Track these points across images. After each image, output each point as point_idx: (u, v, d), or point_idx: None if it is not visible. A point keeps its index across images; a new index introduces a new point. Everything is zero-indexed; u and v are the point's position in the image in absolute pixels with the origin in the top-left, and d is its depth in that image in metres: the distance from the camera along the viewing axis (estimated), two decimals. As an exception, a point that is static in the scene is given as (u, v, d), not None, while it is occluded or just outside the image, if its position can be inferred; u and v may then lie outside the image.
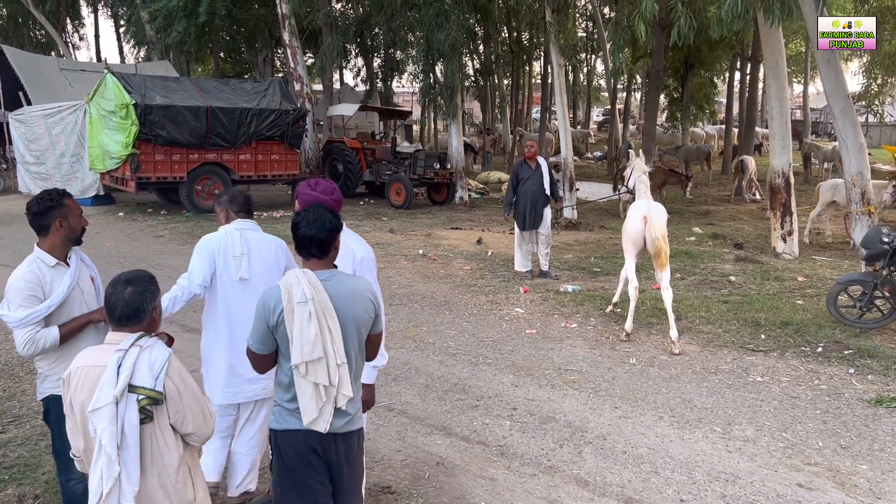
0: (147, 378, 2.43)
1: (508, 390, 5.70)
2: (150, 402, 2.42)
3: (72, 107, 16.85)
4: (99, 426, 2.40)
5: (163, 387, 2.44)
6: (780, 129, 10.90)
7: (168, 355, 2.50)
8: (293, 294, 2.71)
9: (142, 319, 2.54)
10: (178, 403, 2.49)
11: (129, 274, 2.62)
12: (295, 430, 2.80)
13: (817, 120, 42.35)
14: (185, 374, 2.54)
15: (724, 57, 24.75)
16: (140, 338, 2.51)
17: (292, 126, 16.03)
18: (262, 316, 2.76)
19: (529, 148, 9.51)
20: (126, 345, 2.47)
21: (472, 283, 9.19)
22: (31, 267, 3.22)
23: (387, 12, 18.64)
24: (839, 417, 5.10)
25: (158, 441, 2.49)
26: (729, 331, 7.08)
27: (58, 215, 3.24)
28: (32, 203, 3.25)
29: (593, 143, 38.13)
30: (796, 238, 10.90)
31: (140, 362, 2.44)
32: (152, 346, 2.51)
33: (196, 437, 2.57)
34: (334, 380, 2.74)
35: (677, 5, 7.44)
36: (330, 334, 2.72)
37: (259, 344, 2.79)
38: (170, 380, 2.47)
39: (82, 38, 34.67)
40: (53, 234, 3.25)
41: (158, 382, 2.43)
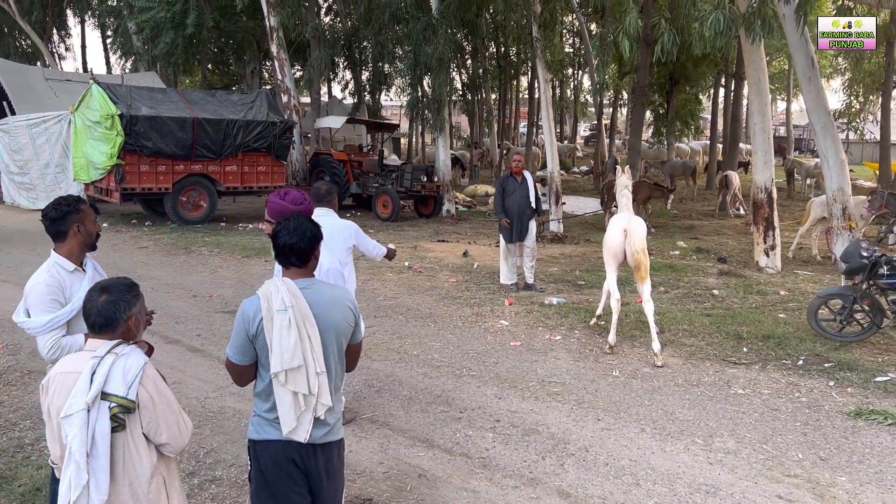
0: (120, 386, 2.40)
1: (492, 402, 5.70)
2: (121, 410, 2.40)
3: (56, 117, 16.76)
4: (70, 433, 2.38)
5: (136, 395, 2.41)
6: (762, 145, 11.03)
7: (143, 364, 2.47)
8: (272, 302, 2.71)
9: (116, 327, 2.52)
10: (152, 413, 2.46)
11: (107, 281, 2.62)
12: (273, 441, 2.79)
13: (800, 137, 42.89)
14: (160, 383, 2.52)
15: (708, 73, 25.06)
16: (117, 345, 2.48)
17: (279, 138, 16.02)
18: (242, 326, 2.75)
19: (517, 162, 9.53)
20: (102, 352, 2.45)
21: (458, 296, 9.20)
22: (51, 272, 3.22)
23: (374, 26, 18.76)
24: (819, 429, 5.14)
25: (131, 450, 2.47)
26: (711, 344, 7.12)
27: (75, 220, 3.27)
28: (49, 209, 3.27)
29: (580, 158, 38.37)
30: (779, 252, 11.00)
31: (114, 370, 2.42)
32: (128, 354, 2.48)
33: (171, 447, 2.54)
34: (314, 389, 2.73)
35: (660, 22, 7.54)
36: (310, 342, 2.72)
37: (239, 354, 2.78)
38: (143, 388, 2.44)
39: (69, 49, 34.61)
40: (71, 240, 3.27)
41: (131, 391, 2.41)
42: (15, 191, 18.06)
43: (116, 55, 29.45)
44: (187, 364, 6.56)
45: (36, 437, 4.96)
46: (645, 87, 17.65)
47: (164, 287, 9.56)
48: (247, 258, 11.62)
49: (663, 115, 25.80)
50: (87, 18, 32.29)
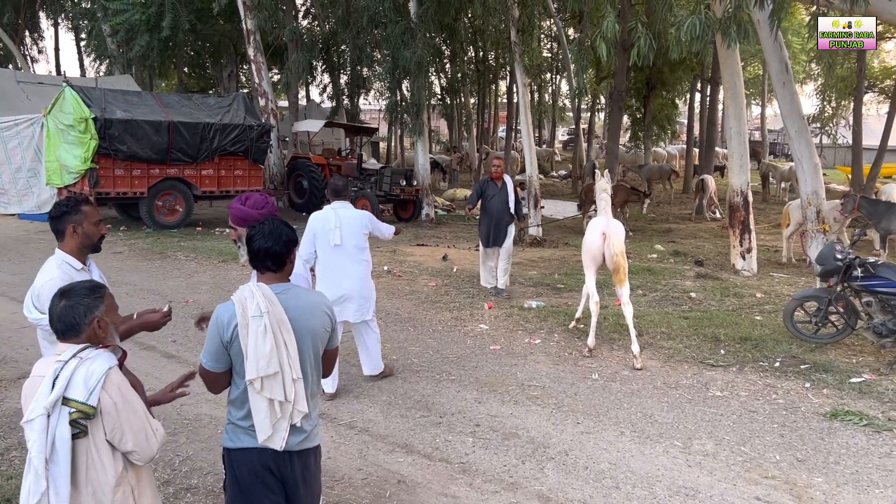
0: (81, 391, 2.33)
1: (472, 406, 5.68)
2: (81, 416, 2.33)
3: (29, 120, 16.49)
4: (30, 438, 2.33)
5: (97, 401, 2.34)
6: (738, 149, 11.14)
7: (107, 369, 2.39)
8: (247, 308, 2.66)
9: (79, 332, 2.45)
10: (115, 419, 2.38)
11: (68, 285, 2.54)
12: (248, 449, 2.74)
13: (774, 141, 43.46)
14: (125, 388, 2.44)
15: (684, 78, 25.31)
16: (82, 350, 2.42)
17: (256, 141, 15.89)
18: (216, 332, 2.69)
19: (496, 168, 9.40)
20: (66, 356, 2.39)
21: (437, 300, 9.17)
22: (62, 268, 3.21)
23: (353, 29, 18.68)
24: (796, 431, 5.17)
25: (93, 457, 2.40)
26: (689, 346, 7.16)
27: (72, 220, 3.26)
28: (52, 208, 3.32)
29: (558, 162, 38.55)
30: (755, 255, 11.11)
31: (76, 375, 2.35)
32: (93, 358, 2.41)
33: (138, 455, 2.46)
34: (290, 395, 2.69)
35: (637, 26, 7.58)
36: (286, 348, 2.68)
37: (213, 361, 2.72)
38: (106, 394, 2.36)
39: (42, 52, 33.90)
40: (69, 240, 3.27)
41: (93, 396, 2.33)
42: (-14, 195, 17.72)
43: (91, 58, 29.06)
44: (162, 370, 6.46)
45: (6, 446, 4.86)
46: (622, 91, 17.78)
47: (138, 293, 9.43)
48: (223, 263, 11.49)
49: (640, 120, 26.02)
50: (61, 21, 31.82)
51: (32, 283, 3.27)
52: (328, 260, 5.81)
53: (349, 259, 5.86)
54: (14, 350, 6.88)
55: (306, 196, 18.37)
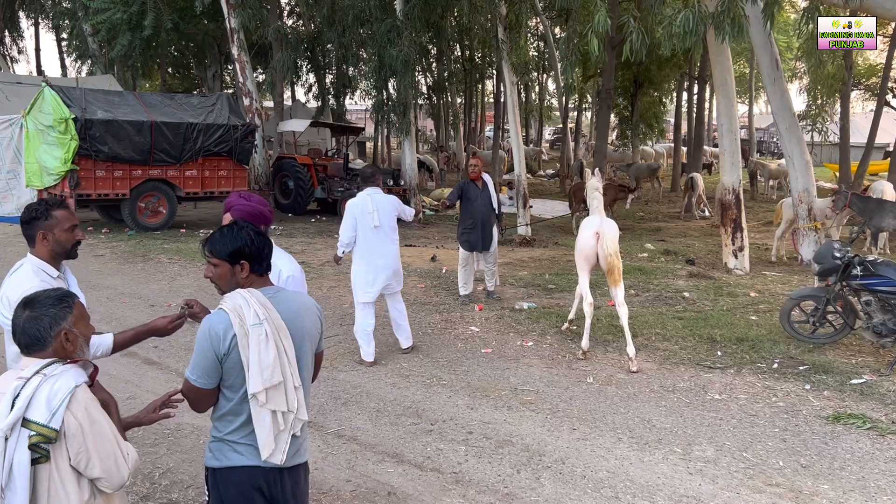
0: (42, 412, 2.11)
1: (464, 413, 5.49)
2: (42, 439, 2.11)
3: (7, 121, 16.14)
4: None
5: (60, 423, 2.12)
6: (729, 146, 11.03)
7: (72, 387, 2.17)
8: (245, 317, 2.45)
9: (44, 346, 2.24)
10: (81, 443, 2.16)
11: (31, 295, 2.32)
12: (237, 468, 2.54)
13: (761, 139, 43.60)
14: (93, 409, 2.22)
15: (672, 76, 25.25)
16: (47, 365, 2.19)
17: (241, 142, 15.62)
18: (208, 346, 2.45)
19: (473, 168, 9.02)
20: (29, 373, 2.17)
21: (426, 302, 8.98)
22: (39, 276, 2.98)
23: (338, 28, 18.43)
24: (798, 435, 5.03)
25: (56, 485, 2.17)
26: (685, 347, 7.01)
27: (42, 227, 3.02)
28: (23, 212, 3.07)
29: (545, 162, 38.46)
30: (747, 254, 11.00)
31: (39, 394, 2.13)
32: (59, 375, 2.18)
33: (106, 482, 2.23)
34: (293, 405, 2.51)
35: (629, 21, 7.43)
36: (286, 356, 2.50)
37: (204, 377, 2.48)
38: (71, 415, 2.14)
39: (21, 52, 33.45)
40: (40, 247, 3.04)
41: (55, 418, 2.11)
42: (-36, 197, 17.34)
43: (72, 58, 28.64)
44: (143, 378, 6.24)
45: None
46: (610, 89, 17.67)
47: (120, 296, 9.18)
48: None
49: (628, 118, 25.95)
50: (41, 20, 31.36)
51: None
52: (369, 241, 6.49)
53: (386, 239, 6.59)
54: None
55: (292, 196, 18.12)
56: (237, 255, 2.56)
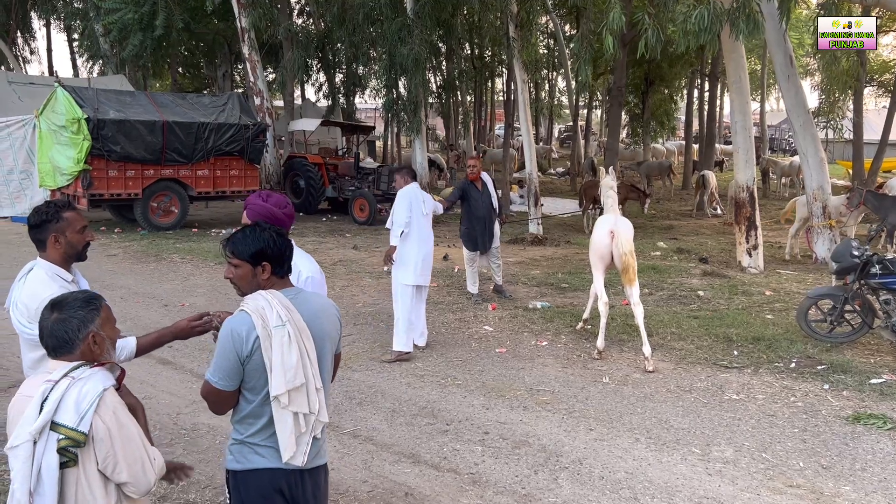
0: (71, 416, 2.10)
1: (479, 413, 5.47)
2: (71, 443, 2.09)
3: (21, 121, 16.23)
4: (13, 467, 2.10)
5: (89, 426, 2.11)
6: (743, 144, 10.94)
7: (101, 391, 2.16)
8: (268, 318, 2.44)
9: (72, 349, 2.22)
10: (108, 447, 2.14)
11: (59, 297, 2.31)
12: (259, 470, 2.52)
13: (772, 136, 43.34)
14: (121, 413, 2.21)
15: (683, 73, 25.11)
16: (75, 368, 2.18)
17: (252, 141, 15.65)
18: (231, 347, 2.43)
19: (472, 168, 8.97)
20: (57, 375, 2.15)
21: (440, 301, 8.96)
22: (57, 282, 2.95)
23: (348, 27, 18.44)
24: (818, 436, 4.98)
25: (83, 490, 2.15)
26: (701, 347, 6.96)
27: (53, 229, 2.97)
28: (31, 215, 3.01)
29: (556, 160, 38.34)
30: (761, 252, 10.92)
31: (67, 397, 2.11)
32: (87, 378, 2.17)
33: (133, 487, 2.22)
34: (314, 407, 2.50)
35: (644, 18, 7.38)
36: (308, 357, 2.49)
37: (226, 379, 2.46)
38: (99, 418, 2.13)
39: (34, 52, 33.74)
40: (51, 250, 2.99)
41: (84, 422, 2.10)
42: (-22, 198, 17.45)
43: (83, 58, 28.81)
44: (158, 378, 6.25)
45: (-6, 461, 4.63)
46: (622, 87, 17.58)
47: (133, 296, 9.20)
48: (220, 265, 11.26)
49: (639, 116, 25.82)
50: (53, 21, 31.52)
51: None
52: (420, 226, 6.92)
53: (429, 227, 7.15)
54: (4, 357, 6.66)
55: (303, 196, 18.13)
56: (259, 256, 2.55)
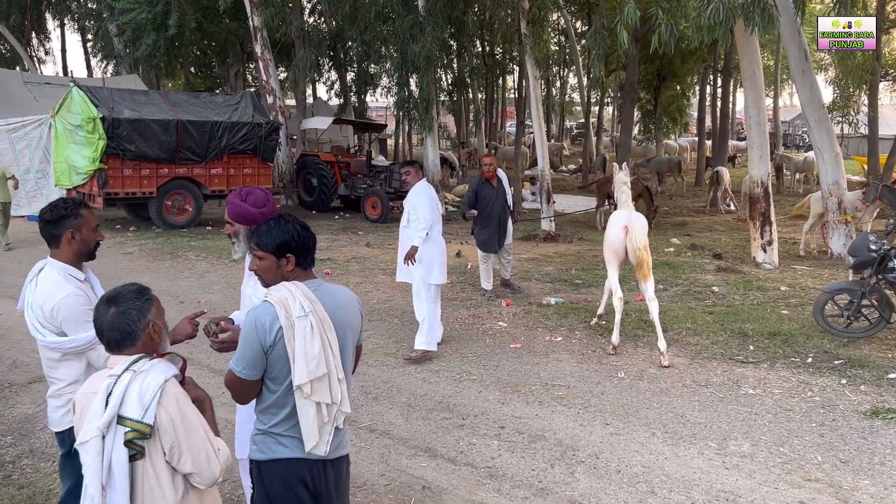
0: (136, 408, 2.11)
1: (495, 408, 5.48)
2: (137, 435, 2.11)
3: (37, 121, 16.38)
4: (84, 462, 2.13)
5: (154, 418, 2.12)
6: (758, 139, 10.88)
7: (162, 382, 2.17)
8: (291, 309, 2.48)
9: (135, 341, 2.23)
10: (173, 437, 2.15)
11: (112, 291, 2.31)
12: (282, 460, 2.56)
13: (786, 132, 43.04)
14: (183, 403, 2.21)
15: (696, 69, 24.96)
16: (136, 361, 2.20)
17: (265, 140, 15.71)
18: (255, 337, 2.47)
19: (488, 167, 8.93)
20: (119, 369, 2.18)
21: (453, 297, 8.98)
22: (71, 282, 2.97)
23: (360, 25, 18.47)
24: (836, 430, 4.96)
25: (151, 481, 2.17)
26: (717, 342, 6.94)
27: (71, 226, 2.99)
28: (45, 210, 3.01)
29: (567, 157, 38.26)
30: (776, 248, 10.86)
31: (131, 390, 2.14)
32: (148, 370, 2.19)
33: (198, 477, 2.22)
34: (336, 397, 2.53)
35: (658, 12, 7.36)
36: (330, 348, 2.52)
37: (249, 369, 2.49)
38: (163, 409, 2.14)
39: (48, 53, 33.93)
40: (65, 247, 3.00)
41: (148, 413, 2.11)
42: (-6, 197, 17.61)
43: (97, 58, 29.00)
44: (176, 373, 6.29)
45: (17, 453, 4.70)
46: (634, 83, 17.50)
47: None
48: (234, 262, 11.32)
49: (651, 112, 25.70)
50: (67, 21, 31.77)
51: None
52: (439, 225, 6.93)
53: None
54: (24, 354, 6.74)
55: (316, 194, 18.19)
56: (283, 248, 2.59)
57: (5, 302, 8.60)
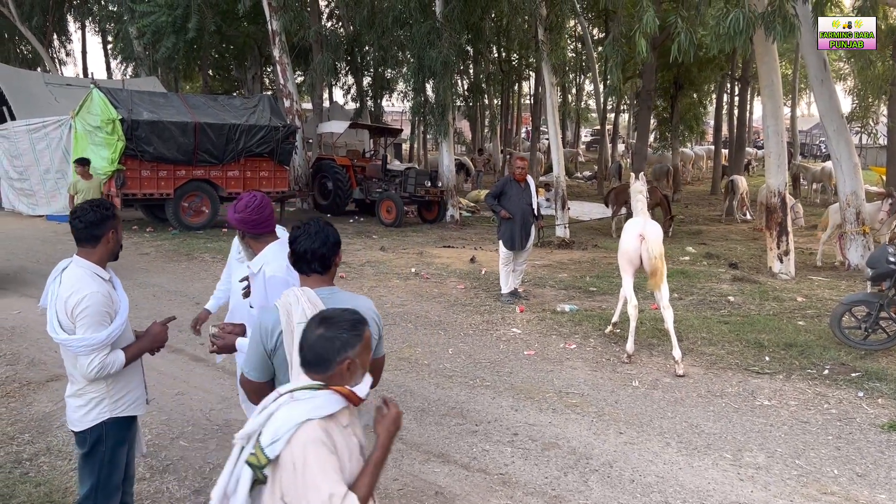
0: (268, 435, 2.01)
1: (508, 414, 5.48)
2: (254, 460, 2.02)
3: (57, 122, 16.57)
4: (227, 463, 2.13)
5: (276, 453, 1.99)
6: (775, 148, 10.82)
7: (302, 421, 2.00)
8: (293, 314, 2.50)
9: (326, 370, 2.10)
10: (290, 482, 1.99)
11: (331, 312, 2.19)
12: None
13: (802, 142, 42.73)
14: (312, 451, 1.98)
15: (713, 77, 24.86)
16: (305, 388, 2.07)
17: (282, 143, 15.80)
18: (259, 340, 2.54)
19: (521, 169, 9.01)
20: (286, 388, 2.11)
21: (467, 303, 8.98)
22: (97, 281, 3.01)
23: (377, 30, 18.58)
24: (852, 444, 4.91)
25: None
26: (732, 352, 6.90)
27: (111, 226, 3.07)
28: (86, 211, 3.03)
29: (582, 163, 38.18)
30: (793, 258, 10.78)
31: (277, 414, 2.04)
32: (302, 402, 2.04)
33: None
34: None
35: (677, 21, 7.34)
36: None
37: (255, 371, 2.56)
38: (289, 449, 1.99)
39: (69, 54, 34.43)
40: (102, 247, 3.07)
41: (273, 446, 1.99)
42: (14, 197, 17.84)
43: (117, 60, 29.31)
44: (191, 374, 6.35)
45: (35, 451, 4.74)
46: (651, 90, 17.47)
47: (166, 294, 9.35)
48: (250, 264, 11.39)
49: (667, 120, 25.62)
50: (88, 23, 32.14)
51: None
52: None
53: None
54: (42, 352, 6.81)
55: (331, 197, 18.26)
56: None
57: (24, 301, 8.70)
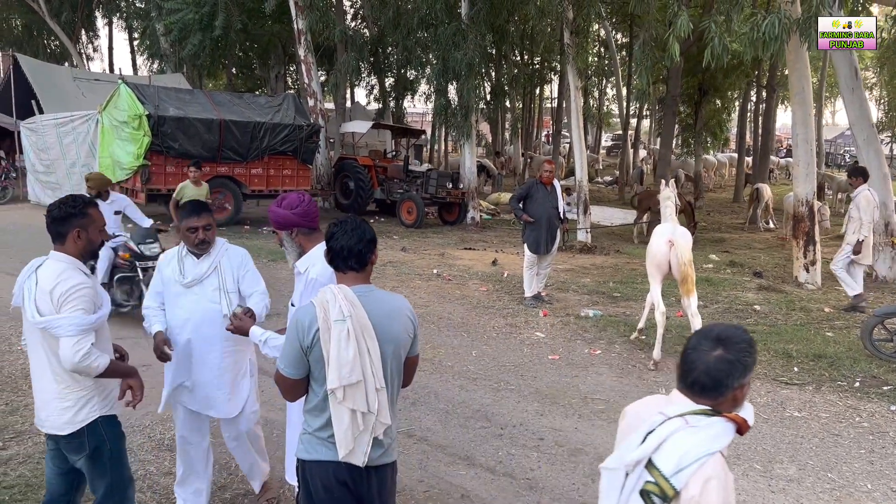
0: (670, 463, 1.86)
1: (533, 419, 5.44)
2: (657, 491, 1.87)
3: (84, 116, 16.71)
4: (602, 486, 2.04)
5: (683, 484, 1.84)
6: (804, 157, 10.68)
7: (711, 452, 1.86)
8: (329, 312, 2.49)
9: (719, 396, 1.92)
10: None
11: (726, 331, 1.99)
12: (324, 461, 2.56)
13: (828, 151, 42.27)
14: (713, 487, 1.83)
15: (738, 84, 24.63)
16: (695, 413, 1.91)
17: (305, 141, 15.85)
18: (295, 336, 2.52)
19: (549, 173, 8.93)
20: (672, 411, 1.94)
21: (490, 305, 8.95)
22: (83, 275, 2.98)
23: (402, 31, 18.60)
24: (886, 458, 4.82)
25: None
26: (759, 362, 6.75)
27: (77, 224, 2.97)
28: (53, 207, 3.00)
29: (601, 169, 37.97)
30: (819, 268, 10.63)
31: (673, 440, 1.88)
32: (701, 429, 1.88)
33: None
34: (373, 406, 2.51)
35: (710, 25, 7.27)
36: (369, 356, 2.50)
37: (291, 367, 2.55)
38: (695, 481, 1.83)
39: (96, 50, 34.71)
40: (69, 245, 2.98)
41: (680, 476, 1.84)
42: (40, 190, 18.03)
43: (143, 57, 29.59)
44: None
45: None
46: (676, 96, 17.34)
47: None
48: (272, 262, 11.44)
49: (691, 126, 25.43)
50: (115, 20, 32.49)
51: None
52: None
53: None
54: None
55: (352, 197, 18.29)
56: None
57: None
